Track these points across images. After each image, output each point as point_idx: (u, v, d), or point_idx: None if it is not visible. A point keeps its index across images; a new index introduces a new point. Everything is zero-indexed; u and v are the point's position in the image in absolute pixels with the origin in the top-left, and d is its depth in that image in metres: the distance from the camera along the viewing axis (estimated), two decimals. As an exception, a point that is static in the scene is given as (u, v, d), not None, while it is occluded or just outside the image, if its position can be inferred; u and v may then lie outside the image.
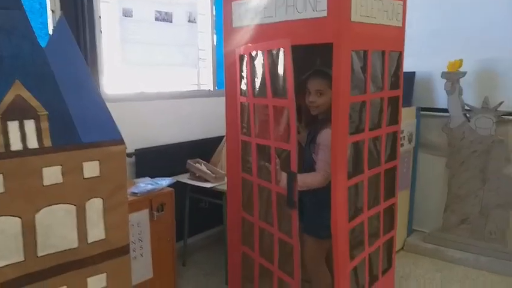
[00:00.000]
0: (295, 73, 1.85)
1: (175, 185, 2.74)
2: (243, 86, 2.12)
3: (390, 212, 2.43)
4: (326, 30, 1.79)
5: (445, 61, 3.04)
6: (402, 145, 3.10)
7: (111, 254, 1.40)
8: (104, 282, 1.41)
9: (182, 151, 3.05)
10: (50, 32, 2.37)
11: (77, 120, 1.25)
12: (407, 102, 3.23)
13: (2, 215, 1.15)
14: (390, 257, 2.51)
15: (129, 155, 2.79)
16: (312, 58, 2.23)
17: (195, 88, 3.27)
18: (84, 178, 1.29)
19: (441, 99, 3.18)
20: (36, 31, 2.17)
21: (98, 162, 1.31)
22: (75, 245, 1.31)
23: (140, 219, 2.43)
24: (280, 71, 1.94)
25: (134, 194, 2.43)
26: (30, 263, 1.23)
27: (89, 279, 1.37)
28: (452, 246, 3.13)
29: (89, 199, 1.32)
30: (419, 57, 3.29)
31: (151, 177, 2.70)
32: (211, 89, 3.31)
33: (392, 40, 2.16)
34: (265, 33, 1.99)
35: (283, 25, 1.92)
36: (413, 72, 3.27)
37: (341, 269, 1.98)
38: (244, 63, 2.09)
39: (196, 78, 3.28)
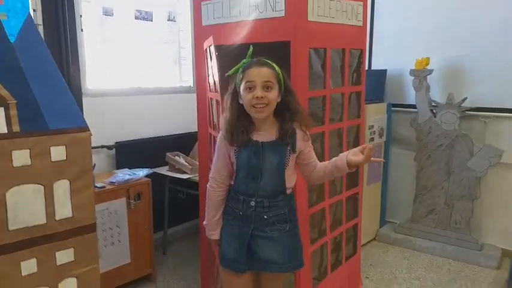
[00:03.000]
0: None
1: (155, 177, 2.89)
2: (211, 81, 2.26)
3: (354, 200, 2.58)
4: (284, 29, 1.94)
5: (414, 59, 3.19)
6: (373, 139, 3.25)
7: (78, 231, 1.54)
8: (71, 256, 1.55)
9: (162, 145, 3.19)
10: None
11: (44, 109, 1.39)
12: (379, 99, 3.38)
13: (-26, 192, 1.29)
14: (355, 244, 2.65)
15: (110, 148, 2.94)
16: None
17: (177, 85, 3.41)
18: (51, 161, 1.43)
19: (412, 96, 3.32)
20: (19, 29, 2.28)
21: (64, 147, 1.45)
22: (43, 221, 1.45)
23: (117, 207, 2.57)
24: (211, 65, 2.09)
25: (112, 183, 2.57)
26: (2, 236, 1.37)
27: (57, 253, 1.51)
28: (421, 236, 3.28)
29: (56, 180, 1.46)
30: (391, 56, 3.46)
31: (130, 169, 2.84)
32: (192, 85, 3.45)
33: (352, 38, 2.29)
34: (230, 31, 2.13)
35: (247, 24, 2.06)
36: (385, 70, 3.42)
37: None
38: (210, 56, 2.23)
39: (178, 75, 3.42)
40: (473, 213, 3.11)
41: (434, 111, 3.15)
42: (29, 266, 1.45)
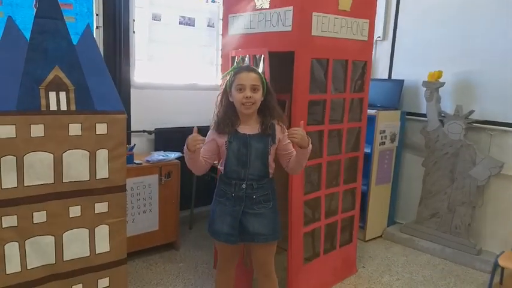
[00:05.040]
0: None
1: (184, 160, 3.36)
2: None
3: (352, 194, 2.90)
4: (290, 41, 2.32)
5: (430, 71, 3.42)
6: (383, 143, 3.53)
7: (112, 189, 2.02)
8: (106, 208, 2.02)
9: (195, 134, 3.66)
10: (95, 29, 3.05)
11: (93, 95, 1.87)
12: (394, 106, 3.64)
13: (42, 151, 1.80)
14: (351, 234, 2.97)
15: (150, 133, 3.46)
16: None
17: (213, 83, 3.88)
18: (96, 134, 1.92)
19: (426, 106, 3.55)
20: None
21: (106, 124, 1.93)
22: (87, 178, 1.94)
23: (151, 181, 3.07)
24: (260, 70, 2.48)
25: (148, 161, 3.07)
26: (58, 185, 1.87)
27: (96, 204, 1.99)
28: (423, 237, 3.51)
29: (98, 149, 1.94)
30: (409, 67, 3.71)
31: (164, 152, 3.34)
32: (225, 83, 3.88)
33: (356, 51, 2.62)
34: (250, 41, 2.54)
35: (262, 35, 2.47)
36: (402, 80, 3.67)
37: (294, 231, 2.50)
38: (235, 63, 2.65)
39: (214, 74, 3.88)
40: (475, 220, 3.30)
41: (443, 121, 3.37)
42: (75, 211, 1.94)
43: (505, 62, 3.14)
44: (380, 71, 3.94)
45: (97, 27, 3.02)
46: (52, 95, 1.79)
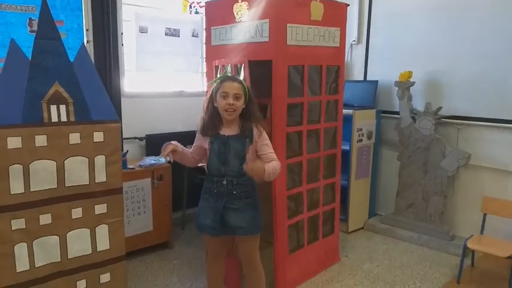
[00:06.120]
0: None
1: (176, 165, 3.54)
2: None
3: (331, 188, 3.13)
4: (268, 51, 2.54)
5: (401, 72, 3.68)
6: (361, 140, 3.77)
7: (110, 192, 2.20)
8: (105, 209, 2.21)
9: (184, 138, 3.79)
10: (85, 43, 3.24)
11: (90, 107, 2.07)
12: (370, 106, 3.89)
13: (45, 159, 1.99)
14: (333, 225, 3.20)
15: (141, 139, 3.65)
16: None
17: (199, 89, 4.08)
18: (93, 142, 2.11)
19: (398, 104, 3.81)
20: (75, 44, 3.03)
21: (102, 132, 2.12)
22: (87, 182, 2.12)
23: (144, 185, 3.26)
24: (241, 77, 2.69)
25: (140, 166, 3.26)
26: (61, 190, 2.05)
27: (96, 206, 2.17)
28: (401, 226, 3.76)
29: (96, 155, 2.13)
30: (383, 68, 3.96)
31: (155, 156, 3.53)
32: (211, 89, 4.09)
33: (329, 57, 2.85)
34: (231, 51, 2.75)
35: (242, 46, 2.68)
36: (376, 81, 3.92)
37: (279, 224, 2.71)
38: (218, 72, 2.86)
39: (200, 82, 4.09)
40: (448, 208, 3.56)
41: (414, 118, 3.62)
42: (77, 212, 2.13)
43: (468, 62, 3.41)
44: (356, 72, 4.19)
45: (87, 41, 3.21)
46: (53, 108, 1.98)
